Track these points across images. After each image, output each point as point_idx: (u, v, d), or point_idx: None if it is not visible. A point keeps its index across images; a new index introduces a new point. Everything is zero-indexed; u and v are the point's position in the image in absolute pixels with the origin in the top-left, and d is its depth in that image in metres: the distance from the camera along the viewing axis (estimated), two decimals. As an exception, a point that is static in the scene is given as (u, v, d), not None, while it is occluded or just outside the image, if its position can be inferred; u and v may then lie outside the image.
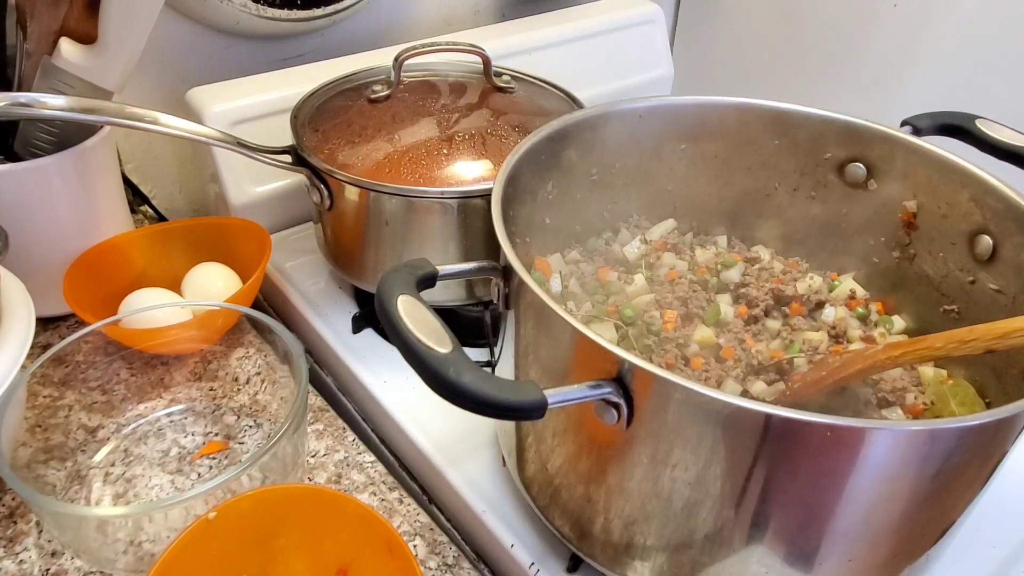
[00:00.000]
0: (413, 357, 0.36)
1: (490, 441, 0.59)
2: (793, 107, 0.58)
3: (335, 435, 0.60)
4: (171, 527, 0.45)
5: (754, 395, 0.49)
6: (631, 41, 1.01)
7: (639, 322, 0.53)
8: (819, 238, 0.61)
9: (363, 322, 0.70)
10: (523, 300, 0.44)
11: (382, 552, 0.43)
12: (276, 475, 0.49)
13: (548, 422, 0.43)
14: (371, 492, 0.55)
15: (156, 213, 0.85)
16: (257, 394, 0.61)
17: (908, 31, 0.93)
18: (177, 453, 0.57)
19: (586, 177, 0.60)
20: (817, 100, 0.59)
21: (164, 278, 0.67)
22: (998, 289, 0.50)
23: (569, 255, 0.60)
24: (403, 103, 0.68)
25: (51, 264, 0.63)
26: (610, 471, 0.42)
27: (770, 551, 0.40)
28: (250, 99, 0.76)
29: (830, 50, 1.02)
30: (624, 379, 0.37)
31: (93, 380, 0.57)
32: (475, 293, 0.66)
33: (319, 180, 0.64)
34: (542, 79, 0.74)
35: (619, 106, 0.58)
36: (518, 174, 0.52)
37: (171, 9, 0.77)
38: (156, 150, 0.84)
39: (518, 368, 0.47)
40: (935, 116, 0.59)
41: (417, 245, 0.63)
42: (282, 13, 0.80)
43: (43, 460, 0.52)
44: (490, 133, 0.65)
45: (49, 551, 0.50)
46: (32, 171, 0.60)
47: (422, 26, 0.97)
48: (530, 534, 0.52)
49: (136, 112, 0.56)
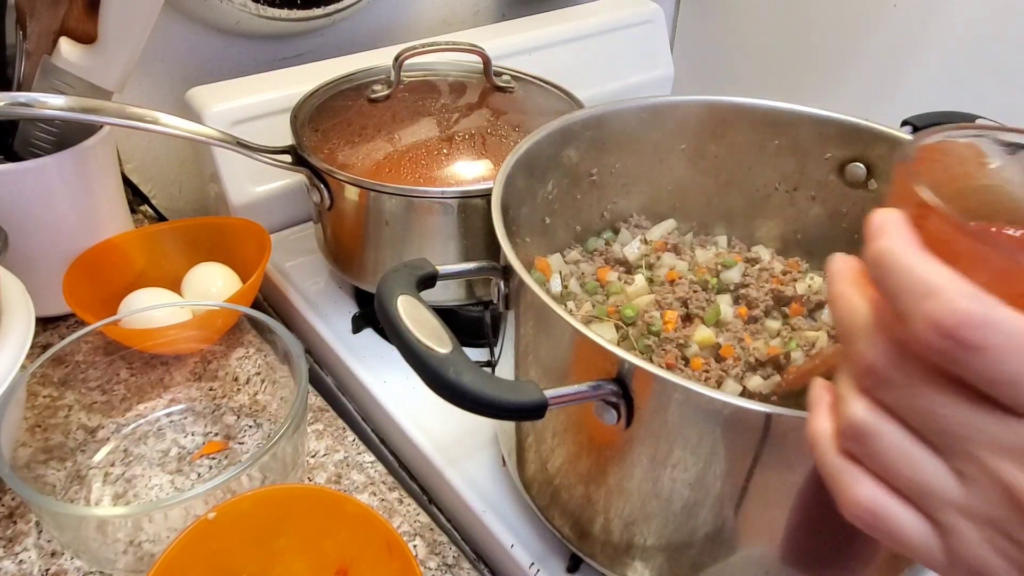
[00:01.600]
0: (413, 357, 0.36)
1: (490, 441, 0.59)
2: (793, 107, 0.58)
3: (335, 435, 0.60)
4: (171, 527, 0.45)
5: (751, 389, 0.49)
6: (631, 41, 1.01)
7: (639, 322, 0.53)
8: (819, 238, 0.61)
9: (363, 322, 0.70)
10: (523, 300, 0.44)
11: (382, 552, 0.43)
12: (276, 475, 0.49)
13: (548, 422, 0.43)
14: (371, 492, 0.55)
15: (156, 213, 0.85)
16: (257, 394, 0.61)
17: (908, 31, 0.93)
18: (177, 453, 0.57)
19: (586, 177, 0.60)
20: (817, 100, 0.59)
21: (164, 278, 0.67)
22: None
23: (569, 255, 0.60)
24: (403, 103, 0.68)
25: (51, 264, 0.63)
26: (610, 471, 0.42)
27: (770, 551, 0.40)
28: (250, 99, 0.76)
29: (830, 50, 1.02)
30: (624, 379, 0.37)
31: (93, 380, 0.57)
32: (475, 293, 0.66)
33: (319, 180, 0.64)
34: (542, 79, 0.74)
35: (619, 106, 0.58)
36: (518, 174, 0.52)
37: (171, 9, 0.77)
38: (156, 150, 0.84)
39: (518, 368, 0.47)
40: (935, 116, 0.59)
41: (417, 245, 0.63)
42: (282, 13, 0.80)
43: (43, 460, 0.52)
44: (490, 133, 0.65)
45: (49, 551, 0.50)
46: (32, 171, 0.60)
47: (422, 26, 0.97)
48: (530, 534, 0.52)
49: (136, 112, 0.56)
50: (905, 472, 0.24)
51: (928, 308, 0.22)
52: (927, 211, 0.24)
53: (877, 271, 0.24)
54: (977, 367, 0.22)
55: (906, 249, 0.23)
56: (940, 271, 0.22)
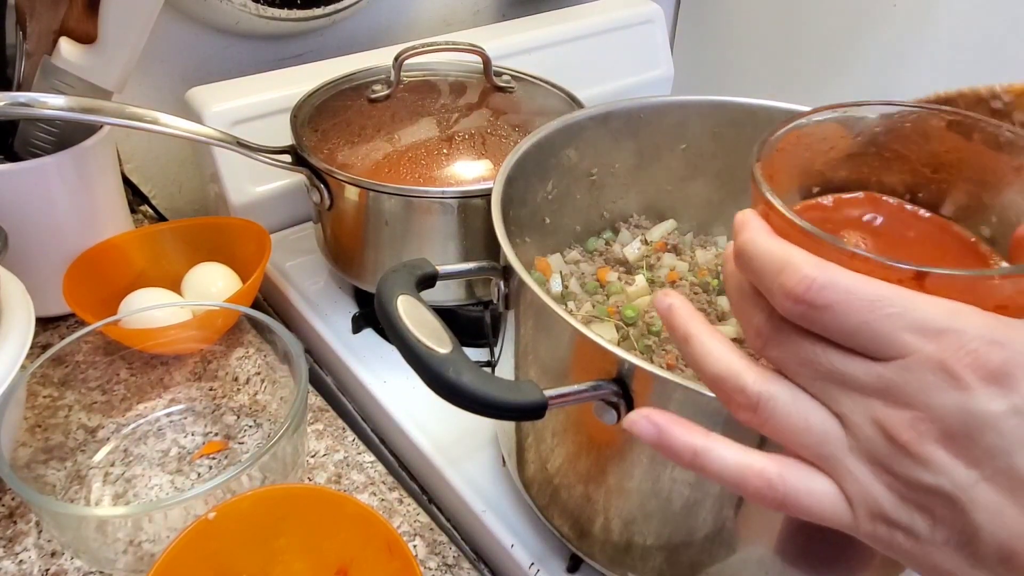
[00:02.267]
0: (413, 357, 0.36)
1: (490, 441, 0.59)
2: (793, 107, 0.58)
3: (335, 435, 0.60)
4: (171, 527, 0.45)
5: None
6: (631, 41, 1.01)
7: (640, 323, 0.53)
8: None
9: (363, 322, 0.70)
10: (523, 300, 0.44)
11: (382, 552, 0.43)
12: (276, 475, 0.49)
13: (548, 422, 0.43)
14: (371, 492, 0.55)
15: (156, 213, 0.85)
16: (257, 394, 0.61)
17: (907, 31, 0.93)
18: (177, 453, 0.57)
19: (586, 177, 0.60)
20: (817, 100, 0.58)
21: (164, 278, 0.67)
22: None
23: (569, 255, 0.60)
24: (403, 103, 0.68)
25: (51, 264, 0.63)
26: (610, 471, 0.42)
27: (770, 551, 0.40)
28: (250, 99, 0.76)
29: (830, 50, 1.02)
30: (624, 379, 0.37)
31: (93, 380, 0.57)
32: (475, 293, 0.66)
33: (319, 180, 0.64)
34: (542, 79, 0.74)
35: (619, 106, 0.58)
36: (518, 174, 0.52)
37: (171, 9, 0.77)
38: (156, 150, 0.84)
39: (518, 368, 0.47)
40: (935, 116, 0.59)
41: (417, 245, 0.63)
42: (282, 13, 0.80)
43: (43, 460, 0.52)
44: (490, 133, 0.65)
45: (49, 551, 0.50)
46: (32, 171, 0.60)
47: (422, 26, 0.97)
48: (530, 534, 0.52)
49: (136, 112, 0.56)
50: (800, 426, 0.26)
51: (782, 280, 0.26)
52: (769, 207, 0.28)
53: (741, 261, 0.28)
54: (828, 323, 0.25)
55: (761, 236, 0.27)
56: (788, 248, 0.26)
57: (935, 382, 0.23)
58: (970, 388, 0.23)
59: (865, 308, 0.24)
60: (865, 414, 0.25)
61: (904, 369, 0.24)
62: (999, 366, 0.23)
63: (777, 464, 0.27)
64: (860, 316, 0.24)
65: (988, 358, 0.23)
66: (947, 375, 0.23)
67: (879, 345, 0.24)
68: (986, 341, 0.23)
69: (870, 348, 0.25)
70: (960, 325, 0.23)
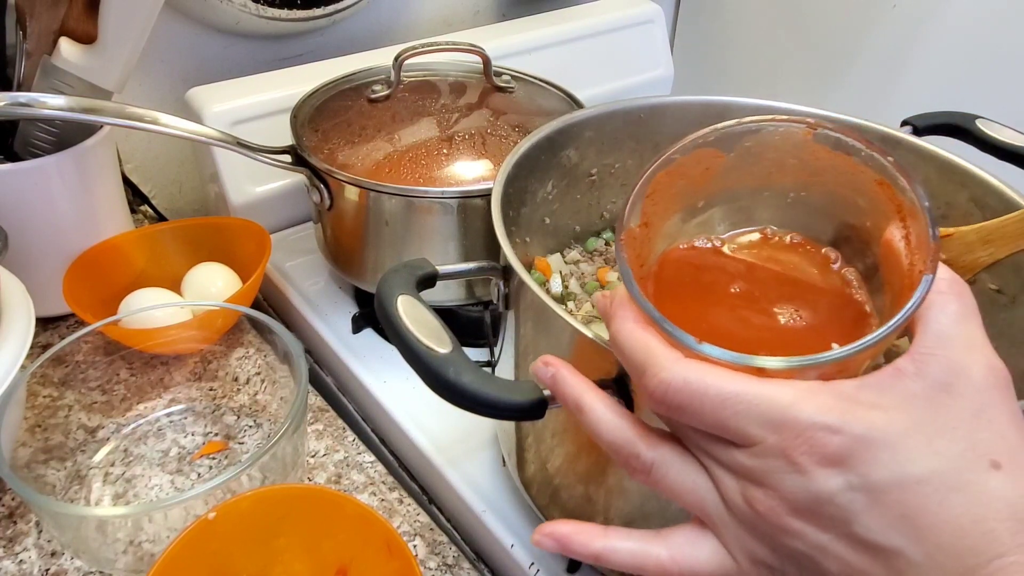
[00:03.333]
0: (413, 357, 0.36)
1: (490, 441, 0.59)
2: (793, 107, 0.58)
3: (335, 435, 0.60)
4: (171, 527, 0.45)
5: None
6: (631, 41, 1.01)
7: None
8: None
9: (363, 322, 0.70)
10: (523, 300, 0.44)
11: (382, 552, 0.43)
12: (276, 475, 0.49)
13: (548, 422, 0.43)
14: (371, 492, 0.55)
15: (156, 213, 0.85)
16: (257, 394, 0.61)
17: (907, 31, 0.93)
18: (177, 453, 0.57)
19: (586, 177, 0.60)
20: (817, 100, 0.59)
21: (164, 278, 0.67)
22: (998, 289, 0.50)
23: (569, 255, 0.60)
24: (403, 103, 0.68)
25: (51, 264, 0.63)
26: (610, 471, 0.42)
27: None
28: (250, 99, 0.76)
29: (829, 50, 1.02)
30: (624, 379, 0.37)
31: (93, 380, 0.57)
32: (475, 293, 0.66)
33: (319, 180, 0.64)
34: (542, 79, 0.74)
35: (619, 106, 0.58)
36: (518, 174, 0.52)
37: (171, 9, 0.77)
38: (156, 150, 0.84)
39: (518, 368, 0.47)
40: (935, 116, 0.59)
41: (417, 245, 0.63)
42: (282, 13, 0.80)
43: (43, 460, 0.52)
44: (490, 133, 0.65)
45: (49, 551, 0.50)
46: (32, 171, 0.60)
47: (422, 26, 0.97)
48: (530, 534, 0.52)
49: (136, 112, 0.56)
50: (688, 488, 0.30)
51: (644, 382, 0.29)
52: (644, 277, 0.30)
53: (614, 350, 0.31)
54: (689, 420, 0.28)
55: (626, 328, 0.30)
56: (649, 344, 0.29)
57: (781, 467, 0.27)
58: (808, 472, 0.26)
59: (717, 406, 0.27)
60: (734, 487, 0.29)
61: (755, 456, 0.27)
62: (834, 452, 0.26)
63: (667, 548, 0.31)
64: (714, 415, 0.27)
65: (824, 444, 0.26)
66: (788, 462, 0.26)
67: (734, 436, 0.28)
68: (821, 428, 0.26)
69: (728, 437, 0.28)
70: (797, 415, 0.26)
